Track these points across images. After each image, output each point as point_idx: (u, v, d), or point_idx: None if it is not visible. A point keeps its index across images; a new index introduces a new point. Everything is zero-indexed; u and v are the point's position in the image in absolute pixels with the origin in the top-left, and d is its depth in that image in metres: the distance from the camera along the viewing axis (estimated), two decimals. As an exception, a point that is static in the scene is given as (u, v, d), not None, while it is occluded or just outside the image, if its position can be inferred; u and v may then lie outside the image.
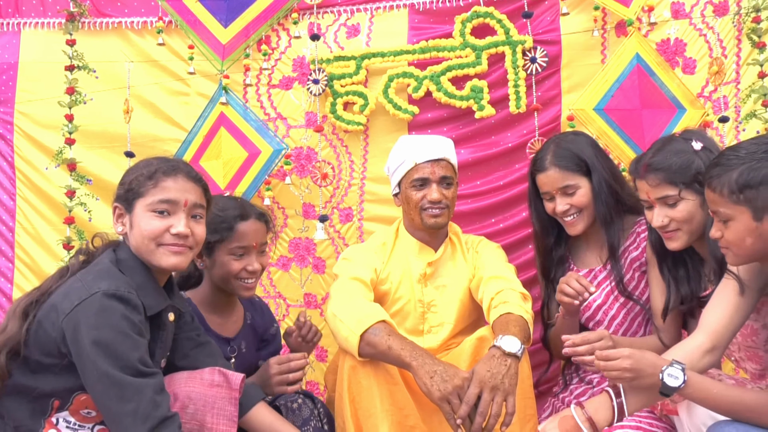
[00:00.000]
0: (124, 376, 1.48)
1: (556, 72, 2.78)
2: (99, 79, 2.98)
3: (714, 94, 2.70)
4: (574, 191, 2.15)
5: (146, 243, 1.65)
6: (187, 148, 2.87)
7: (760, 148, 1.52)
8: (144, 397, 1.48)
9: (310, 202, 2.90)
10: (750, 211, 1.51)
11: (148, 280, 1.67)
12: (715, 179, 1.55)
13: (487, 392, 1.69)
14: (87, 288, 1.53)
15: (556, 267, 2.30)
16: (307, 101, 2.89)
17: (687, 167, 1.81)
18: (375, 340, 1.84)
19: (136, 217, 1.66)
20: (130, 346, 1.51)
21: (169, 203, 1.66)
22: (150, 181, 1.66)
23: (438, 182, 2.20)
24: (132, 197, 1.66)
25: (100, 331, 1.48)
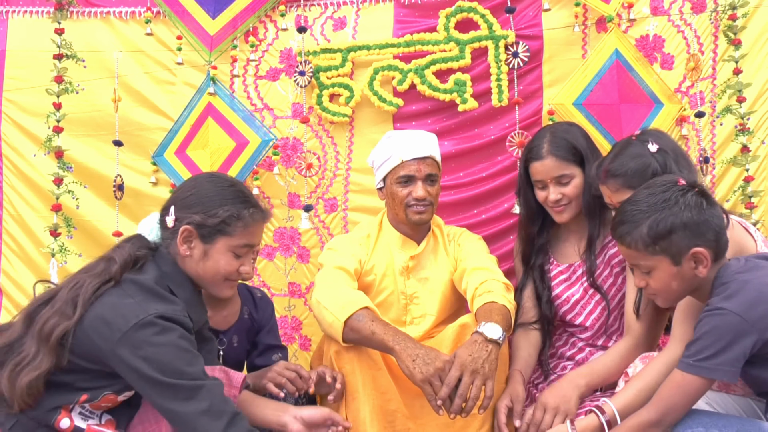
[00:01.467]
0: (194, 381, 1.52)
1: (538, 66, 2.81)
2: (87, 68, 2.96)
3: (691, 90, 2.75)
4: (569, 181, 2.16)
5: (217, 278, 1.71)
6: (174, 137, 2.87)
7: (658, 199, 1.59)
8: (215, 396, 1.54)
9: (296, 192, 2.90)
10: (668, 258, 1.58)
11: (195, 296, 1.73)
12: (627, 237, 1.61)
13: (467, 375, 1.73)
14: (142, 308, 1.54)
15: (536, 254, 2.32)
16: (293, 93, 2.90)
17: (644, 171, 1.85)
18: (359, 325, 1.87)
19: (215, 252, 1.70)
20: (191, 361, 1.55)
21: (249, 247, 1.74)
22: (240, 222, 1.70)
23: (423, 180, 2.22)
24: (217, 232, 1.69)
25: (161, 349, 1.51)
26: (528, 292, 2.29)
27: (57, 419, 1.60)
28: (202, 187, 1.74)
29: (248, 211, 1.71)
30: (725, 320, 1.48)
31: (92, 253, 2.94)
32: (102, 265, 1.64)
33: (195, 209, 1.69)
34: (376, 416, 1.92)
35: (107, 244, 2.89)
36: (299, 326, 2.88)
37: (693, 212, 1.56)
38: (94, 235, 2.97)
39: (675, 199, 1.58)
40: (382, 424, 1.93)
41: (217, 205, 1.69)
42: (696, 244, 1.56)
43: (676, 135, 2.75)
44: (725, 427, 1.52)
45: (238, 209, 1.70)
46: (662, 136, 1.95)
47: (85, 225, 2.98)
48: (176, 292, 1.66)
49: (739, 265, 1.58)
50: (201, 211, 1.69)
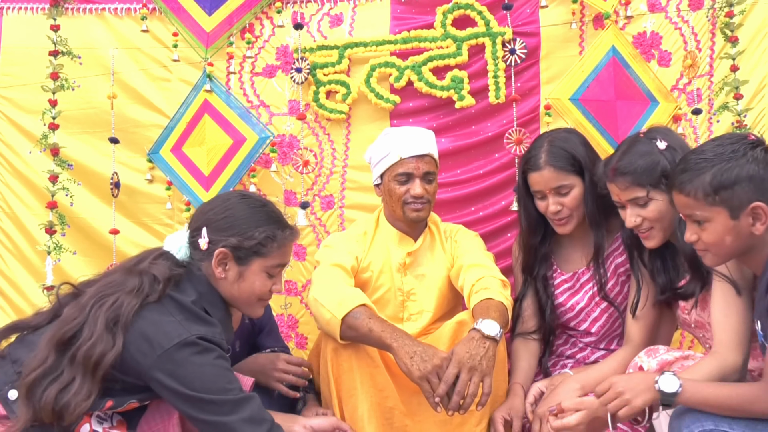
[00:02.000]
0: (234, 396, 1.56)
1: (535, 63, 2.80)
2: (82, 65, 2.95)
3: (688, 87, 2.75)
4: (568, 191, 2.11)
5: (252, 299, 1.75)
6: (169, 135, 2.86)
7: (726, 149, 1.55)
8: (255, 405, 1.58)
9: (292, 189, 2.90)
10: (727, 210, 1.53)
11: (227, 316, 1.75)
12: (687, 184, 1.56)
13: (465, 372, 1.72)
14: (184, 328, 1.56)
15: (539, 264, 2.26)
16: (290, 89, 2.90)
17: (653, 168, 1.82)
18: (356, 323, 1.87)
19: (250, 273, 1.72)
20: (232, 378, 1.59)
21: (283, 266, 1.78)
22: (275, 243, 1.72)
23: (421, 177, 2.21)
24: (252, 254, 1.71)
25: (203, 369, 1.54)
26: (529, 302, 2.26)
27: (78, 425, 1.58)
28: (236, 209, 1.74)
29: (283, 233, 1.74)
30: None
31: (86, 251, 2.97)
32: (136, 282, 1.62)
33: (230, 232, 1.70)
34: (374, 413, 1.92)
35: (101, 242, 2.92)
36: (295, 324, 2.87)
37: (759, 167, 1.52)
38: (88, 232, 2.96)
39: (743, 151, 1.53)
40: (380, 421, 1.93)
41: (253, 228, 1.71)
42: (758, 198, 1.51)
43: None
44: (734, 422, 1.50)
45: (273, 231, 1.73)
46: (670, 134, 1.92)
47: (78, 222, 2.97)
48: (211, 313, 1.68)
49: None
50: (236, 234, 1.70)
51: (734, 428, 1.49)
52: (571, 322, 2.24)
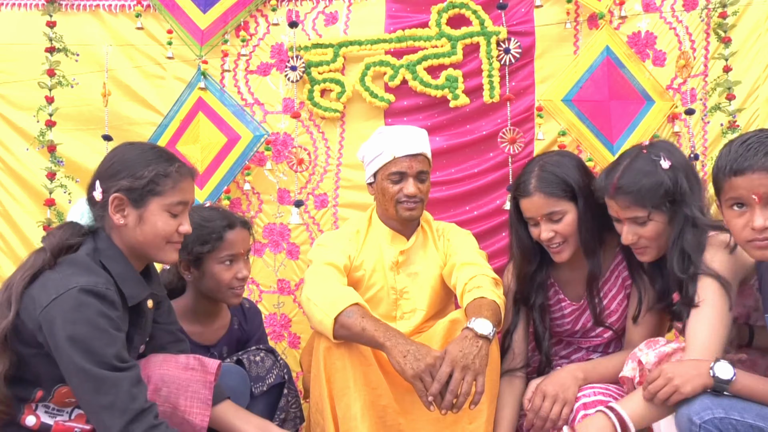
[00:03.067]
0: (101, 371, 1.48)
1: (530, 63, 2.81)
2: (78, 63, 2.94)
3: (682, 87, 2.76)
4: (560, 218, 2.00)
5: (157, 241, 1.67)
6: (163, 132, 2.86)
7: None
8: (120, 390, 1.49)
9: (286, 187, 2.90)
10: None
11: (129, 270, 1.67)
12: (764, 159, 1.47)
13: (458, 371, 1.72)
14: (65, 282, 1.53)
15: (536, 292, 2.15)
16: (284, 87, 2.90)
17: (656, 189, 1.78)
18: (349, 322, 1.86)
19: (149, 214, 1.66)
20: (105, 342, 1.51)
21: (184, 204, 1.71)
22: (168, 179, 1.67)
23: (415, 177, 2.21)
24: (147, 194, 1.65)
25: (76, 327, 1.48)
26: (519, 335, 2.14)
27: (22, 417, 1.59)
28: (124, 153, 1.70)
29: (174, 167, 1.68)
30: None
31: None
32: (32, 259, 1.62)
33: (120, 176, 1.65)
34: (367, 412, 1.91)
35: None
36: (288, 324, 2.86)
37: None
38: (84, 229, 2.94)
39: None
40: (373, 420, 1.92)
41: (143, 167, 1.65)
42: None
43: (667, 132, 2.77)
44: (744, 410, 1.48)
45: (164, 167, 1.67)
46: (674, 151, 1.86)
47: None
48: (109, 267, 1.62)
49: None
50: (127, 176, 1.65)
51: (745, 417, 1.47)
52: (575, 335, 2.21)
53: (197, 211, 2.00)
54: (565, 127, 2.71)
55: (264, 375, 2.03)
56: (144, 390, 1.56)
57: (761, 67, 2.73)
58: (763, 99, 2.73)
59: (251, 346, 2.15)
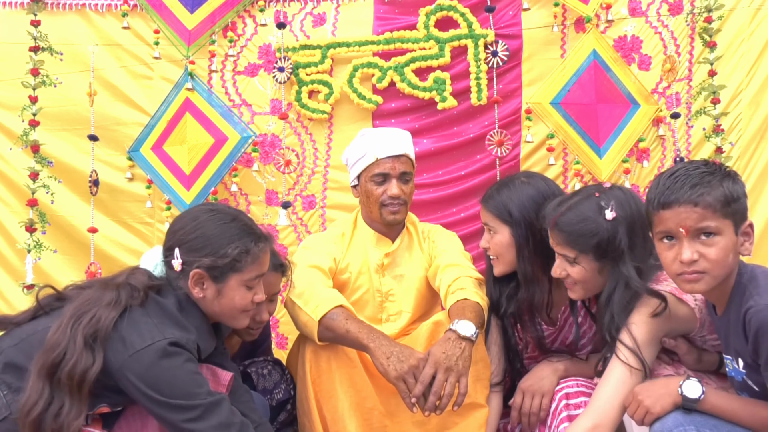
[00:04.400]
0: (202, 400, 1.56)
1: (517, 66, 2.84)
2: (62, 62, 2.95)
3: (667, 91, 2.80)
4: (493, 232, 2.07)
5: (234, 312, 1.73)
6: (150, 133, 2.87)
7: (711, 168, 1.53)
8: (224, 410, 1.58)
9: (274, 189, 2.91)
10: (733, 225, 1.49)
11: (205, 326, 1.73)
12: (706, 196, 1.48)
13: (441, 373, 1.74)
14: (159, 330, 1.57)
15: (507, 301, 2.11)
16: (272, 89, 2.91)
17: (589, 237, 1.77)
18: (333, 324, 1.88)
19: (228, 290, 1.70)
20: (200, 382, 1.59)
21: (260, 277, 1.75)
22: (249, 257, 1.70)
23: (398, 178, 2.22)
24: (228, 271, 1.68)
25: (172, 372, 1.55)
26: (494, 349, 2.12)
27: None
28: (207, 227, 1.71)
29: (256, 246, 1.72)
30: None
31: (67, 249, 2.96)
32: (113, 295, 1.62)
33: (203, 252, 1.68)
34: (354, 414, 1.93)
35: (82, 240, 2.91)
36: (275, 324, 2.87)
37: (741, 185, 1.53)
38: (69, 230, 2.96)
39: (726, 171, 1.54)
40: (359, 422, 1.94)
41: (226, 244, 1.68)
42: (747, 217, 1.52)
43: (652, 136, 2.80)
44: (716, 427, 1.51)
45: (247, 245, 1.70)
46: (626, 204, 1.80)
47: (59, 221, 2.96)
48: (188, 320, 1.68)
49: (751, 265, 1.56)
50: (210, 253, 1.67)
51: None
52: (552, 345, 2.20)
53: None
54: (553, 130, 2.73)
55: (272, 389, 2.05)
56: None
57: (744, 72, 2.77)
58: (746, 103, 2.77)
59: (258, 356, 2.16)
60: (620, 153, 2.71)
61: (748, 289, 1.50)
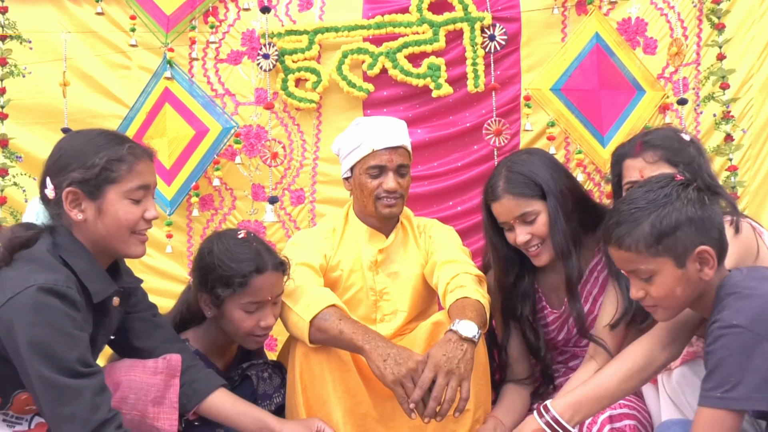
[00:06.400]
0: (62, 378, 1.45)
1: (516, 50, 2.82)
2: (33, 51, 2.91)
3: (674, 76, 2.78)
4: (534, 218, 2.00)
5: (122, 232, 1.62)
6: (129, 125, 2.84)
7: (658, 194, 1.52)
8: (82, 400, 1.47)
9: (260, 183, 2.89)
10: (672, 259, 1.49)
11: (93, 265, 1.63)
12: (627, 238, 1.51)
13: (441, 376, 1.71)
14: (22, 280, 1.48)
15: (521, 303, 2.14)
16: (256, 77, 2.89)
17: (683, 150, 1.85)
18: (326, 325, 1.85)
19: (108, 204, 1.60)
20: (68, 346, 1.47)
21: (145, 189, 1.65)
22: (122, 164, 1.61)
23: (395, 171, 2.20)
24: (102, 183, 1.60)
25: (35, 329, 1.45)
26: (514, 347, 2.17)
27: None
28: (70, 144, 1.65)
29: (126, 149, 1.63)
30: (743, 339, 1.40)
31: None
32: None
33: (70, 168, 1.59)
34: (347, 420, 1.91)
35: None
36: (264, 326, 2.85)
37: (696, 207, 1.49)
38: (44, 230, 2.91)
39: (676, 193, 1.51)
40: (353, 428, 1.91)
41: (93, 154, 1.60)
42: (701, 241, 1.49)
43: (658, 123, 2.77)
44: None
45: (117, 152, 1.61)
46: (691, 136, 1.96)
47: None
48: (70, 263, 1.59)
49: (743, 275, 1.52)
50: (78, 167, 1.59)
51: None
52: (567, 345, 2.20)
53: (226, 242, 1.92)
54: (554, 118, 2.71)
55: (272, 393, 2.02)
56: (108, 398, 1.52)
57: (755, 55, 2.76)
58: (758, 88, 2.76)
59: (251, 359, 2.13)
60: (627, 141, 2.67)
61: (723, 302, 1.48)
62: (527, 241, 2.01)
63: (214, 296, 1.88)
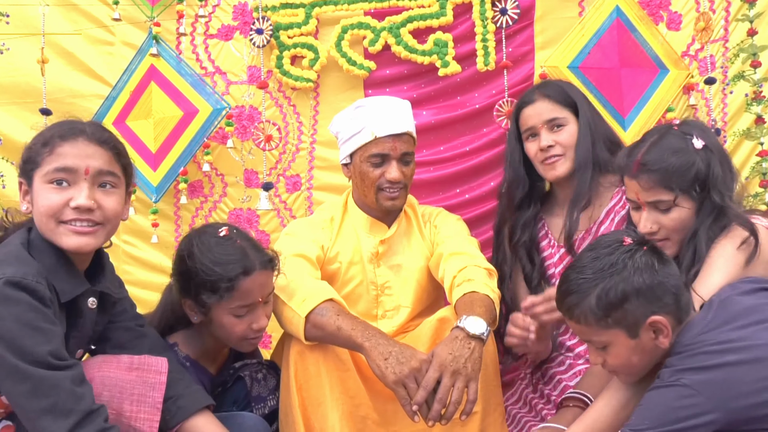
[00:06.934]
0: (37, 370, 1.45)
1: (529, 25, 2.79)
2: (9, 25, 2.89)
3: (700, 53, 2.75)
4: (562, 126, 2.20)
5: (45, 221, 1.58)
6: (111, 105, 2.83)
7: (604, 263, 1.55)
8: (62, 391, 1.47)
9: (253, 168, 2.88)
10: (623, 331, 1.54)
11: (60, 263, 1.61)
12: (575, 309, 1.57)
13: (447, 377, 1.70)
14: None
15: (521, 229, 2.30)
16: (249, 54, 2.87)
17: (686, 170, 1.78)
18: (322, 321, 1.84)
19: (35, 192, 1.59)
20: (38, 340, 1.47)
21: (67, 171, 1.58)
22: (45, 147, 1.58)
23: (398, 159, 2.19)
24: (29, 168, 1.59)
25: (3, 324, 1.45)
26: (519, 278, 2.28)
27: None
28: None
29: (53, 130, 1.61)
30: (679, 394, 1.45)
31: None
32: None
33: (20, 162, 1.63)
34: (345, 423, 1.89)
35: (36, 229, 2.86)
36: (257, 321, 2.83)
37: (645, 276, 1.53)
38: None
39: (623, 262, 1.54)
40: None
41: (29, 145, 1.62)
42: (652, 311, 1.53)
43: (683, 104, 2.75)
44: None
45: (44, 134, 1.61)
46: (707, 132, 1.86)
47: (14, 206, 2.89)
48: (37, 258, 1.57)
49: (705, 322, 1.53)
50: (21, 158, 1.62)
51: None
52: None
53: (206, 241, 1.89)
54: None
55: (266, 396, 2.01)
56: (90, 390, 1.52)
57: (789, 31, 2.73)
58: (792, 66, 2.73)
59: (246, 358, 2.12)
60: (647, 124, 2.65)
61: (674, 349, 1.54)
62: (549, 146, 2.19)
63: (199, 303, 1.87)
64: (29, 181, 1.60)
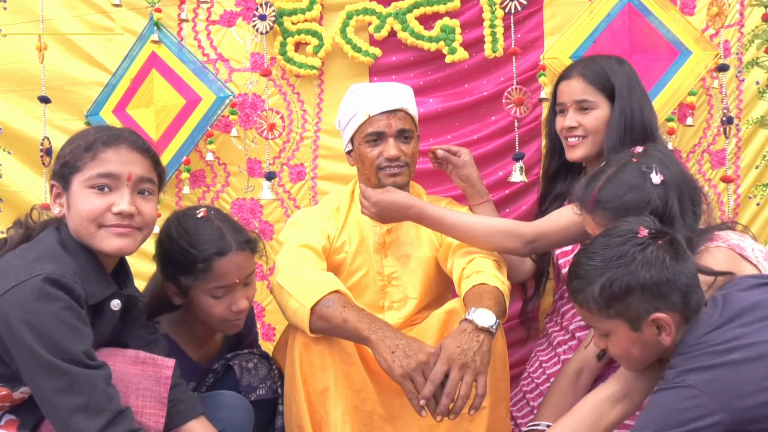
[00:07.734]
0: (73, 367, 1.49)
1: (538, 11, 2.78)
2: (7, 11, 2.89)
3: (715, 39, 2.72)
4: (589, 110, 2.21)
5: (86, 225, 1.63)
6: (111, 93, 2.83)
7: (613, 253, 1.55)
8: (96, 389, 1.50)
9: (256, 157, 2.88)
10: (625, 322, 1.56)
11: (91, 266, 1.66)
12: (579, 294, 1.59)
13: (455, 370, 1.70)
14: (28, 268, 1.52)
15: (550, 203, 2.39)
16: (252, 41, 2.86)
17: (642, 208, 1.73)
18: (328, 312, 1.84)
19: (73, 196, 1.64)
20: (74, 338, 1.51)
21: (110, 177, 1.64)
22: (88, 153, 1.64)
23: (395, 136, 2.19)
24: (68, 172, 1.64)
25: (41, 320, 1.48)
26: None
27: None
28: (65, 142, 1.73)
29: (95, 136, 1.66)
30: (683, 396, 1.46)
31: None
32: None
33: (54, 165, 1.69)
34: (350, 418, 1.90)
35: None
36: (261, 313, 2.86)
37: (653, 271, 1.51)
38: (22, 208, 2.83)
39: (632, 255, 1.53)
40: (356, 427, 1.91)
41: (68, 149, 1.67)
42: (656, 308, 1.52)
43: (700, 92, 2.73)
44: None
45: (86, 138, 1.66)
46: (670, 164, 1.79)
47: (11, 197, 2.95)
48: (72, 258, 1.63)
49: (711, 322, 1.53)
50: (57, 161, 1.68)
51: None
52: None
53: (184, 223, 1.95)
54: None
55: (256, 385, 2.02)
56: (117, 391, 1.56)
57: (806, 16, 2.70)
58: (809, 52, 2.71)
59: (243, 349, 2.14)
60: (664, 111, 2.63)
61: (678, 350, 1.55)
62: (572, 127, 2.23)
63: (177, 285, 1.94)
64: (66, 184, 1.65)
